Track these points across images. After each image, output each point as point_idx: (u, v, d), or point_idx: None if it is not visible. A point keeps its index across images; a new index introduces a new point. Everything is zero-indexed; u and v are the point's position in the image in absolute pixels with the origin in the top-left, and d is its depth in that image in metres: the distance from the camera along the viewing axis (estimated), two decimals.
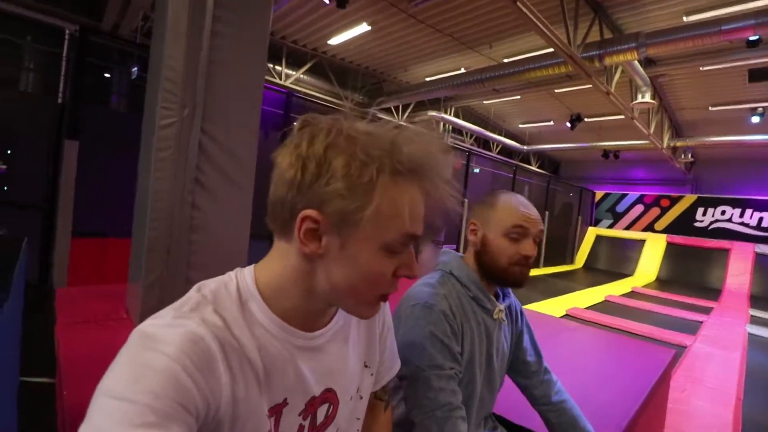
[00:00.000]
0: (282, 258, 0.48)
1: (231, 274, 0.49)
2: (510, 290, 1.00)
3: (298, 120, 0.48)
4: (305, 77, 7.32)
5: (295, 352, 0.48)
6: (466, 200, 6.89)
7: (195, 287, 0.47)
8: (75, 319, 1.56)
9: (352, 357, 0.56)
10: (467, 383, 0.86)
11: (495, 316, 0.90)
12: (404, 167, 0.44)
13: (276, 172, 0.46)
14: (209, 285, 0.47)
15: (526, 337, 1.02)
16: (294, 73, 7.14)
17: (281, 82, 6.96)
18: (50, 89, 3.54)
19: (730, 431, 2.28)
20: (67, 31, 3.31)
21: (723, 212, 9.40)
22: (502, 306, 0.91)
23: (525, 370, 1.00)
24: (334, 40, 6.58)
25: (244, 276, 0.49)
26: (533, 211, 0.87)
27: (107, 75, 5.45)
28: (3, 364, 0.55)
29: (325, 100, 7.41)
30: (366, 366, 0.60)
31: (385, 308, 0.66)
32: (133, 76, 5.11)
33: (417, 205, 0.46)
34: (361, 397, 0.59)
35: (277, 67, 6.94)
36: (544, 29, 4.08)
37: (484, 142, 11.64)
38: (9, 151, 3.44)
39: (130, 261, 1.79)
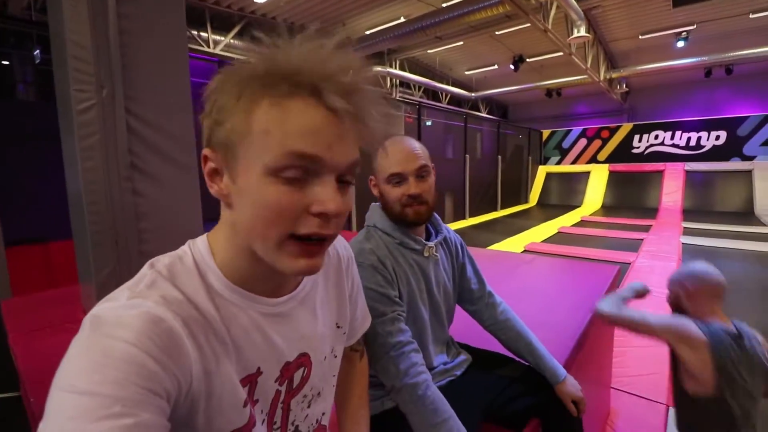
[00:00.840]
0: (222, 217, 0.45)
1: (184, 247, 0.46)
2: (444, 226, 1.06)
3: None
4: (235, 42, 6.80)
5: (262, 320, 0.46)
6: None
7: (147, 264, 0.43)
8: (28, 328, 1.48)
9: (324, 320, 0.56)
10: (414, 319, 0.94)
11: (426, 254, 0.95)
12: (277, 77, 0.38)
13: None
14: (162, 260, 0.44)
15: (468, 268, 1.09)
16: (222, 38, 6.61)
17: (210, 50, 6.44)
18: None
19: None
20: None
21: (656, 137, 10.12)
22: (431, 243, 0.96)
23: (471, 298, 1.09)
24: None
25: (198, 247, 0.45)
26: (406, 152, 0.88)
27: (6, 63, 4.80)
28: None
29: None
30: (338, 326, 0.60)
31: (353, 267, 0.65)
32: (37, 60, 4.54)
33: (304, 119, 0.38)
34: (336, 356, 0.60)
35: (203, 34, 6.38)
36: None
37: (433, 94, 11.58)
38: None
39: (77, 260, 1.68)
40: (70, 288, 1.98)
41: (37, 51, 4.68)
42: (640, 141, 10.36)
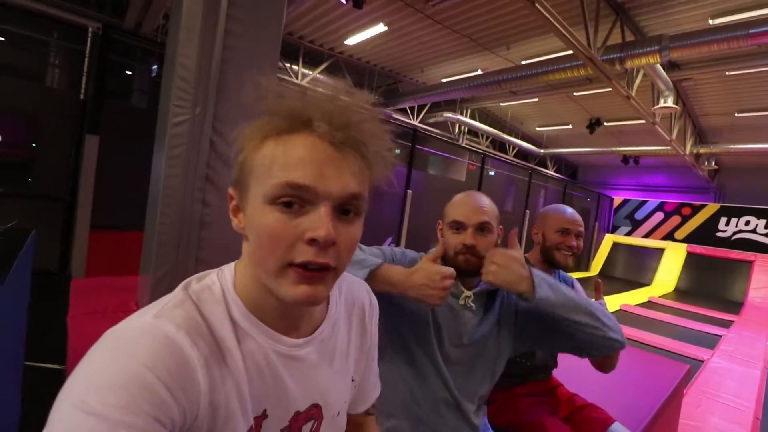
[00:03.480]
0: (243, 250, 0.47)
1: (213, 275, 0.47)
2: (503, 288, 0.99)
3: None
4: (321, 77, 7.36)
5: (276, 359, 0.45)
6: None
7: (182, 284, 0.45)
8: (87, 309, 1.61)
9: (341, 371, 0.54)
10: (427, 343, 0.92)
11: (461, 302, 0.95)
12: (282, 116, 0.41)
13: None
14: (196, 284, 0.45)
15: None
16: (310, 72, 7.19)
17: (298, 81, 7.03)
18: (74, 85, 3.65)
19: None
20: (90, 29, 3.40)
21: (747, 222, 9.07)
22: (470, 293, 0.95)
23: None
24: (351, 40, 6.61)
25: (225, 276, 0.46)
26: (472, 205, 0.94)
27: (129, 72, 5.60)
28: (2, 348, 0.57)
29: None
30: (353, 380, 0.57)
31: (375, 326, 0.62)
32: (153, 74, 5.23)
33: (298, 151, 0.40)
34: (339, 413, 0.56)
35: (294, 67, 7.00)
36: (563, 31, 4.01)
37: (500, 145, 11.52)
38: (34, 144, 3.55)
39: (142, 254, 1.83)
40: (130, 278, 2.15)
41: (155, 66, 5.41)
42: (727, 225, 9.35)
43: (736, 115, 7.98)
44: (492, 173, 8.20)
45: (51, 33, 5.32)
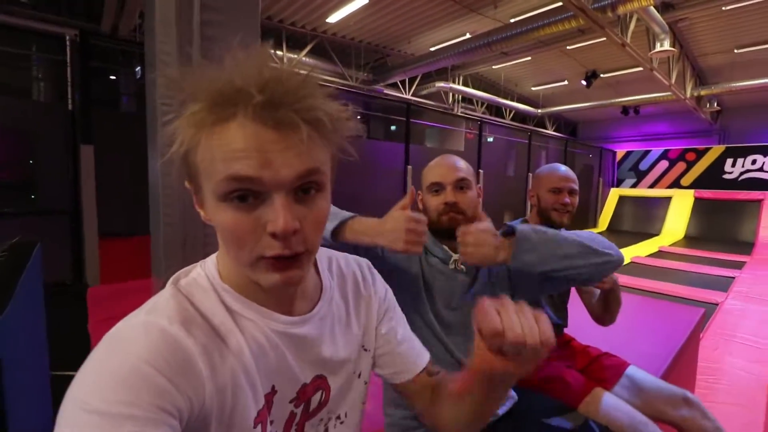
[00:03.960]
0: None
1: (198, 268, 0.47)
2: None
3: None
4: (307, 59, 7.22)
5: (276, 338, 0.46)
6: (481, 171, 6.79)
7: (171, 280, 0.45)
8: (106, 315, 1.64)
9: (345, 343, 0.54)
10: (422, 307, 0.92)
11: (451, 266, 0.94)
12: (211, 107, 0.37)
13: None
14: (184, 279, 0.45)
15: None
16: (295, 56, 7.05)
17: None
18: (60, 97, 3.61)
19: (766, 385, 2.23)
20: (68, 37, 3.33)
21: (754, 161, 8.94)
22: (458, 255, 0.92)
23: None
24: (333, 18, 6.43)
25: (209, 267, 0.47)
26: (446, 165, 0.95)
27: (113, 77, 5.52)
28: (23, 363, 0.58)
29: (330, 81, 7.31)
30: (365, 349, 0.58)
31: (373, 280, 0.61)
32: (138, 76, 5.16)
33: (234, 143, 0.36)
34: (365, 382, 0.58)
35: (278, 52, 6.86)
36: None
37: (496, 110, 11.33)
38: (30, 161, 3.55)
39: (152, 256, 1.85)
40: (145, 281, 2.18)
41: (139, 68, 5.32)
42: (733, 166, 9.22)
43: (735, 51, 7.74)
44: (491, 139, 8.10)
45: (30, 46, 5.23)
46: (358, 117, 0.42)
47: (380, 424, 0.99)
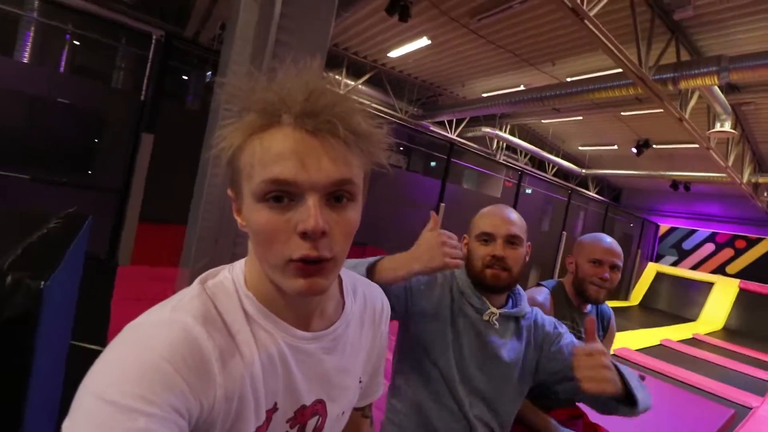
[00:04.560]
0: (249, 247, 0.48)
1: (225, 271, 0.48)
2: (530, 309, 0.98)
3: None
4: (363, 87, 7.53)
5: (287, 351, 0.46)
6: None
7: (199, 279, 0.46)
8: (129, 295, 1.71)
9: (350, 371, 0.54)
10: (447, 366, 0.89)
11: (485, 318, 0.92)
12: (256, 113, 0.41)
13: None
14: (212, 280, 0.46)
15: (566, 351, 0.94)
16: (352, 83, 7.37)
17: (339, 91, 7.22)
18: (135, 87, 3.95)
19: None
20: (154, 37, 3.68)
21: None
22: (496, 311, 0.92)
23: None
24: (394, 53, 6.72)
25: (236, 272, 0.47)
26: (501, 216, 0.93)
27: (185, 77, 5.97)
28: (54, 328, 0.62)
29: (381, 110, 7.56)
30: (360, 381, 0.58)
31: (387, 323, 0.62)
32: (207, 80, 5.56)
33: (275, 146, 0.40)
34: (344, 413, 0.57)
35: (338, 77, 7.20)
36: (613, 48, 3.89)
37: (539, 163, 11.23)
38: (96, 140, 3.86)
39: (184, 247, 1.94)
40: (171, 268, 2.27)
41: (209, 72, 5.74)
42: None
43: None
44: (529, 191, 8.00)
45: (120, 39, 5.79)
46: (401, 148, 0.45)
47: None
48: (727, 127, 5.67)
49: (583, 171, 11.52)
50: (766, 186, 9.19)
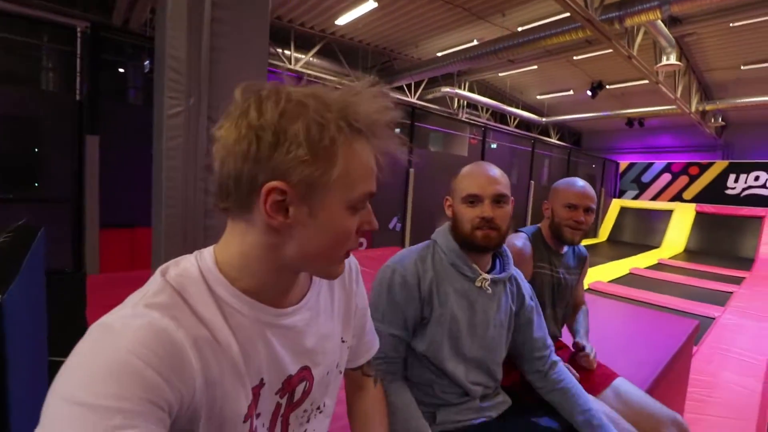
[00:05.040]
0: (241, 235, 0.45)
1: (191, 258, 0.47)
2: (516, 271, 1.00)
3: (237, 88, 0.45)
4: (315, 60, 7.26)
5: (266, 330, 0.47)
6: None
7: (159, 270, 0.45)
8: (104, 303, 1.66)
9: (328, 334, 0.56)
10: (437, 347, 0.89)
11: (477, 284, 0.91)
12: (360, 126, 0.44)
13: (221, 145, 0.43)
14: (173, 269, 0.45)
15: (535, 326, 0.99)
16: (303, 56, 7.09)
17: (291, 67, 6.93)
18: (68, 87, 3.65)
19: (759, 400, 2.23)
20: (79, 29, 3.37)
21: (756, 178, 8.94)
22: (487, 276, 0.91)
23: (527, 357, 1.00)
24: (342, 20, 6.47)
25: (204, 259, 0.46)
26: (485, 176, 0.91)
27: (121, 70, 5.56)
28: (24, 344, 0.60)
29: (336, 82, 7.34)
30: (343, 341, 0.60)
31: (360, 281, 0.65)
32: (146, 70, 5.20)
33: (372, 162, 0.47)
34: (340, 372, 0.60)
35: (286, 52, 6.90)
36: None
37: (501, 116, 11.35)
38: (35, 149, 3.58)
39: (152, 248, 1.87)
40: (144, 271, 2.21)
41: (147, 62, 5.37)
42: (736, 181, 9.22)
43: (742, 68, 7.75)
44: (494, 146, 8.12)
45: (41, 36, 5.27)
46: None
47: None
48: (673, 59, 5.88)
49: (544, 119, 11.75)
50: (712, 112, 9.70)
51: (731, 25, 6.02)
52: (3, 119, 3.27)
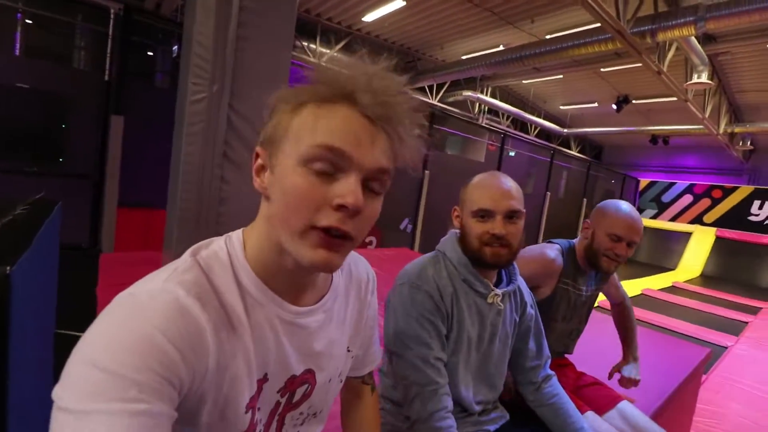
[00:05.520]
0: (260, 211, 0.48)
1: (221, 242, 0.47)
2: (520, 278, 0.98)
3: None
4: (339, 55, 7.28)
5: (279, 325, 0.47)
6: None
7: (190, 250, 0.45)
8: (114, 281, 1.69)
9: (338, 341, 0.55)
10: (453, 367, 0.86)
11: (489, 300, 0.88)
12: (322, 83, 0.43)
13: None
14: (204, 250, 0.45)
15: (531, 338, 0.98)
16: (327, 51, 7.12)
17: (315, 61, 6.97)
18: (98, 67, 3.73)
19: None
20: (112, 10, 3.45)
21: None
22: (499, 291, 0.89)
23: (522, 366, 0.98)
24: (369, 17, 6.47)
25: (233, 243, 0.47)
26: (499, 189, 0.85)
27: (150, 53, 5.66)
28: (31, 316, 0.61)
29: None
30: (349, 350, 0.59)
31: (374, 292, 0.64)
32: (174, 54, 5.29)
33: (338, 117, 0.42)
34: (341, 381, 0.60)
35: (311, 46, 6.94)
36: (591, 2, 3.82)
37: (522, 124, 11.21)
38: (63, 125, 3.68)
39: (165, 230, 1.90)
40: (156, 252, 2.24)
41: (176, 47, 5.45)
42: (760, 208, 8.91)
43: None
44: (512, 154, 8.02)
45: (75, 15, 5.40)
46: None
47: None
48: (704, 78, 5.71)
49: (565, 130, 11.57)
50: (741, 135, 9.40)
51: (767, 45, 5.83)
52: (34, 93, 3.36)
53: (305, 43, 6.84)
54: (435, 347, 0.81)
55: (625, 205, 1.21)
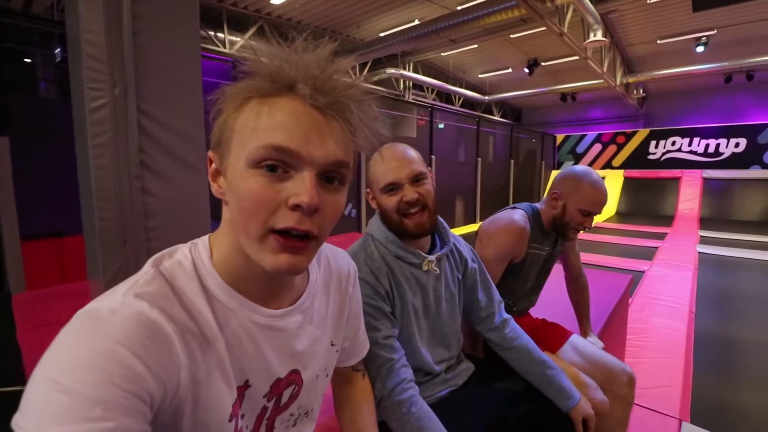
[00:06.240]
0: (222, 216, 0.45)
1: (185, 250, 0.45)
2: (452, 236, 1.01)
3: None
4: (251, 42, 6.84)
5: (256, 330, 0.45)
6: (433, 157, 6.91)
7: (151, 261, 0.43)
8: (36, 323, 1.50)
9: (320, 337, 0.54)
10: (407, 338, 0.89)
11: (425, 268, 0.90)
12: (262, 77, 0.40)
13: None
14: (167, 260, 0.43)
15: (479, 288, 1.03)
16: (238, 39, 6.69)
17: (226, 51, 6.52)
18: None
19: (684, 341, 2.52)
20: None
21: (673, 143, 9.91)
22: (432, 257, 0.91)
23: (478, 317, 1.03)
24: None
25: (199, 250, 0.45)
26: (398, 159, 0.85)
27: (28, 60, 4.92)
28: None
29: None
30: (332, 344, 0.58)
31: (356, 284, 0.64)
32: (58, 59, 4.65)
33: (282, 114, 0.39)
34: (327, 375, 0.59)
35: (220, 35, 6.47)
36: None
37: (446, 96, 11.53)
38: None
39: (87, 256, 1.71)
40: (81, 283, 2.01)
41: (58, 50, 4.78)
42: (656, 147, 10.16)
43: (658, 42, 8.43)
44: (442, 126, 8.25)
45: None
46: None
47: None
48: (599, 36, 6.25)
49: (486, 98, 12.11)
50: (634, 84, 10.51)
51: (648, 1, 6.49)
52: None
53: (212, 32, 6.36)
54: (383, 327, 0.83)
55: (597, 178, 1.21)
